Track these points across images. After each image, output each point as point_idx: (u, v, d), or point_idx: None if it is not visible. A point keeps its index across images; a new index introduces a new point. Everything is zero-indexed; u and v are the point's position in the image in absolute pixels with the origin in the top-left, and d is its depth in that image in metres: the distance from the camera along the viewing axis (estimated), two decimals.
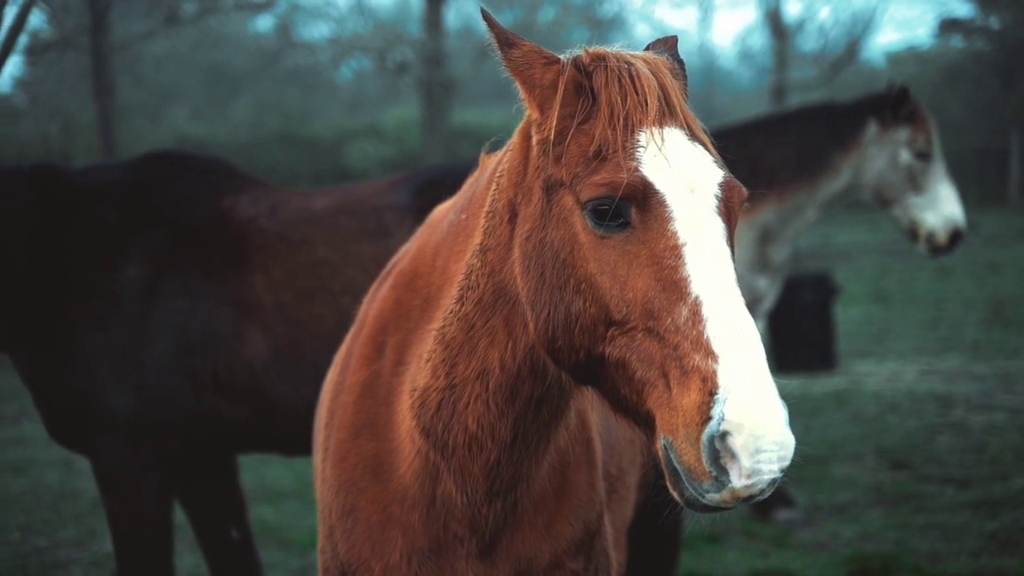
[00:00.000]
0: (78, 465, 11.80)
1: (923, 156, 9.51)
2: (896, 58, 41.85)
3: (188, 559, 9.08)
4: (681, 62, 3.42)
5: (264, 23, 39.23)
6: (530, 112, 3.28)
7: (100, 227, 6.88)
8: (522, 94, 3.27)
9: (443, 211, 3.87)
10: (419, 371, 3.60)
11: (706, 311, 2.93)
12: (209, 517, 7.39)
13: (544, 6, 28.35)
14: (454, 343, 3.48)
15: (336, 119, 40.86)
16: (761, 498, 2.89)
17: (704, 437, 2.83)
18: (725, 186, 3.12)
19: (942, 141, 9.67)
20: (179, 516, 8.11)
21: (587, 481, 3.79)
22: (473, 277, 3.43)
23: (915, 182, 9.52)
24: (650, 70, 3.18)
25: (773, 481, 2.84)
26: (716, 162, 3.16)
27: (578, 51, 3.28)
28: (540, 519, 3.68)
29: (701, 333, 2.90)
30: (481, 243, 3.41)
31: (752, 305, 9.72)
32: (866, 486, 10.60)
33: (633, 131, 3.10)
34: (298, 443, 6.51)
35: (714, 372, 2.85)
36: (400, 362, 3.70)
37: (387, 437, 3.69)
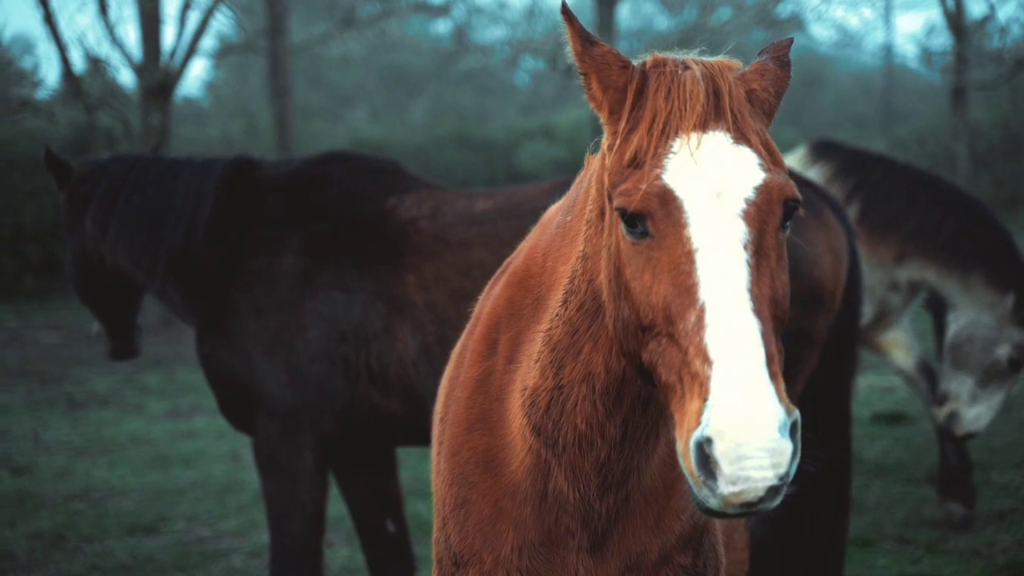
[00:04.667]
0: (245, 459, 12.12)
1: (1015, 365, 9.15)
2: None
3: (342, 551, 9.28)
4: (785, 64, 3.38)
5: (443, 26, 39.77)
6: (601, 115, 3.31)
7: (265, 216, 7.27)
8: (596, 93, 3.29)
9: (554, 211, 3.91)
10: (529, 371, 3.65)
11: (708, 317, 2.96)
12: (368, 510, 7.63)
13: (719, 7, 28.09)
14: (560, 346, 3.53)
15: (511, 121, 41.11)
16: (769, 505, 2.87)
17: (691, 443, 2.88)
18: (763, 188, 3.10)
19: None
20: (338, 509, 8.32)
21: None
22: (575, 282, 3.49)
23: (988, 375, 9.19)
24: (705, 73, 3.18)
25: (773, 488, 2.83)
26: (760, 164, 3.13)
27: (646, 57, 3.30)
28: (650, 513, 3.71)
29: (702, 339, 2.94)
30: (583, 250, 3.47)
31: (883, 316, 9.54)
32: None
33: (669, 137, 3.12)
34: None
35: (708, 378, 2.90)
36: (511, 360, 3.76)
37: (499, 433, 3.75)
